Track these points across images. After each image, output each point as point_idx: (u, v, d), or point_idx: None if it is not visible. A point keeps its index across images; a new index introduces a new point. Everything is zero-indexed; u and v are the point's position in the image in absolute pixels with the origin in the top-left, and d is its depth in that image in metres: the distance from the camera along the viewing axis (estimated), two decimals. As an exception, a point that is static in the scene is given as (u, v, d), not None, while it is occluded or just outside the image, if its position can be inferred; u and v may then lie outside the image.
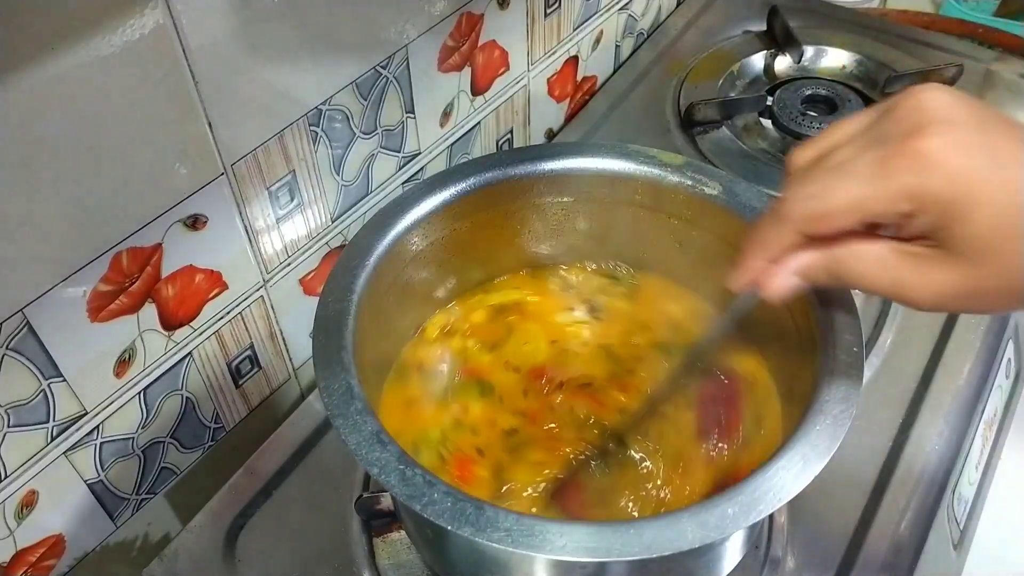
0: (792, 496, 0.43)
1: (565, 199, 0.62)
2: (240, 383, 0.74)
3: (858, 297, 0.77)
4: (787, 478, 0.43)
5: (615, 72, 1.09)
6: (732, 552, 0.55)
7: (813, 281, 0.43)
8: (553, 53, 0.95)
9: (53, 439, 0.59)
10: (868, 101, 0.98)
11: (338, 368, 0.49)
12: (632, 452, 0.57)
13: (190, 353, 0.67)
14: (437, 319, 0.65)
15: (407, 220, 0.58)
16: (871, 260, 0.40)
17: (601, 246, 0.66)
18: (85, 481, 0.63)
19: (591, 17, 0.99)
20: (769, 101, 0.96)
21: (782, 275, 0.43)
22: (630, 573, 0.48)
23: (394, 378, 0.61)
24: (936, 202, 0.36)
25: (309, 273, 0.75)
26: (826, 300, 0.51)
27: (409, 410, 0.59)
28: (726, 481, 0.54)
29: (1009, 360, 0.82)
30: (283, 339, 0.76)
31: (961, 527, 0.74)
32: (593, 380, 0.61)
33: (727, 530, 0.41)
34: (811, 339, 0.51)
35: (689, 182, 0.59)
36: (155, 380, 0.65)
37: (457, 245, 0.61)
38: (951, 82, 0.99)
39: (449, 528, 0.42)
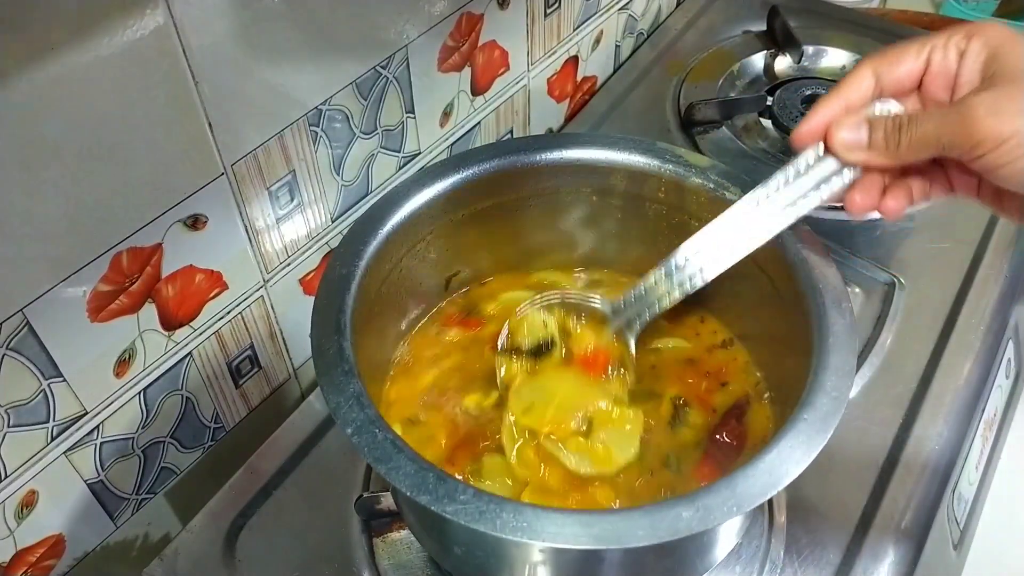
0: (750, 509, 0.42)
1: (586, 189, 0.62)
2: (240, 383, 0.74)
3: (856, 299, 0.78)
4: (749, 490, 0.43)
5: (615, 72, 1.09)
6: (723, 542, 0.54)
7: (881, 143, 0.46)
8: (553, 53, 0.95)
9: (53, 439, 0.59)
10: (868, 101, 0.98)
11: (333, 330, 0.50)
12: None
13: (190, 353, 0.67)
14: (447, 304, 0.65)
15: (431, 192, 0.58)
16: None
17: (619, 242, 0.66)
18: (85, 481, 0.63)
19: (591, 17, 0.99)
20: (769, 101, 0.96)
21: (851, 123, 0.47)
22: (616, 559, 0.48)
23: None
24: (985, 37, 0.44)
25: (309, 273, 0.75)
26: (822, 315, 0.51)
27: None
28: None
29: (1009, 360, 0.82)
30: (283, 339, 0.76)
31: (961, 527, 0.74)
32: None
33: (678, 533, 0.41)
34: (806, 355, 0.51)
35: (712, 185, 0.58)
36: (155, 380, 0.65)
37: (476, 226, 0.61)
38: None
39: (409, 495, 0.42)
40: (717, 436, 0.56)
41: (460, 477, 0.53)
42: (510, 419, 0.56)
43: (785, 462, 0.44)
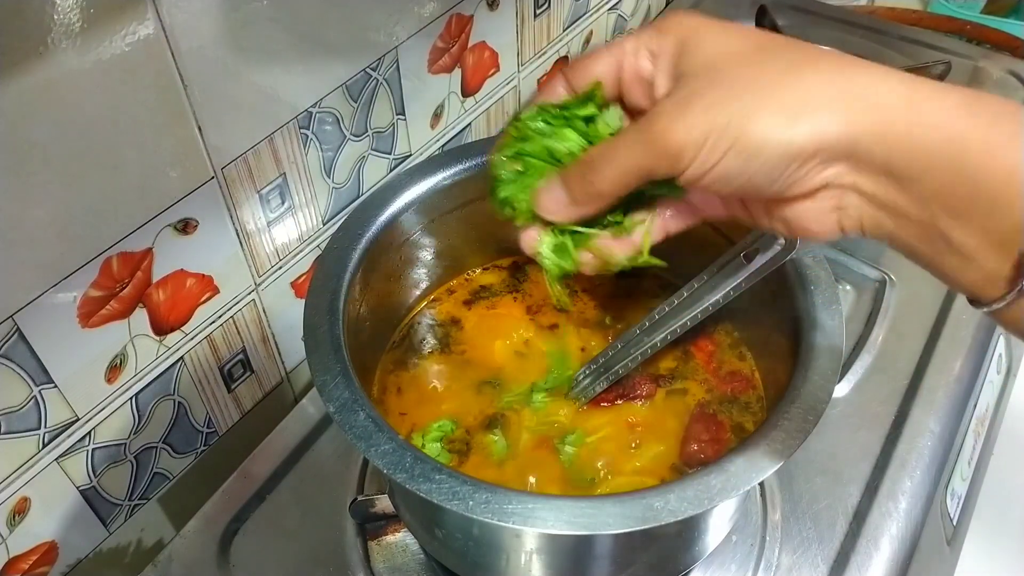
0: (718, 504, 0.42)
1: None
2: (232, 387, 0.73)
3: (848, 297, 0.78)
4: (722, 486, 0.43)
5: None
6: (714, 532, 0.55)
7: None
8: (543, 54, 0.95)
9: (45, 445, 0.59)
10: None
11: (326, 310, 0.50)
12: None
13: (182, 358, 0.67)
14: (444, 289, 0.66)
15: (432, 181, 0.58)
16: None
17: None
18: (77, 487, 0.63)
19: (581, 17, 0.99)
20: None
21: (546, 186, 0.44)
22: (607, 545, 0.49)
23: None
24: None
25: (301, 276, 0.75)
26: (812, 316, 0.51)
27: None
28: None
29: (1000, 355, 0.83)
30: (275, 342, 0.76)
31: (954, 523, 0.74)
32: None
33: (648, 522, 0.42)
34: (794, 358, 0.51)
35: None
36: (147, 385, 0.65)
37: (477, 217, 0.62)
38: (939, 80, 0.99)
39: (385, 472, 0.43)
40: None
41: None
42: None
43: (757, 462, 0.44)
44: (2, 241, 0.50)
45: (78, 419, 0.60)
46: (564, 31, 0.96)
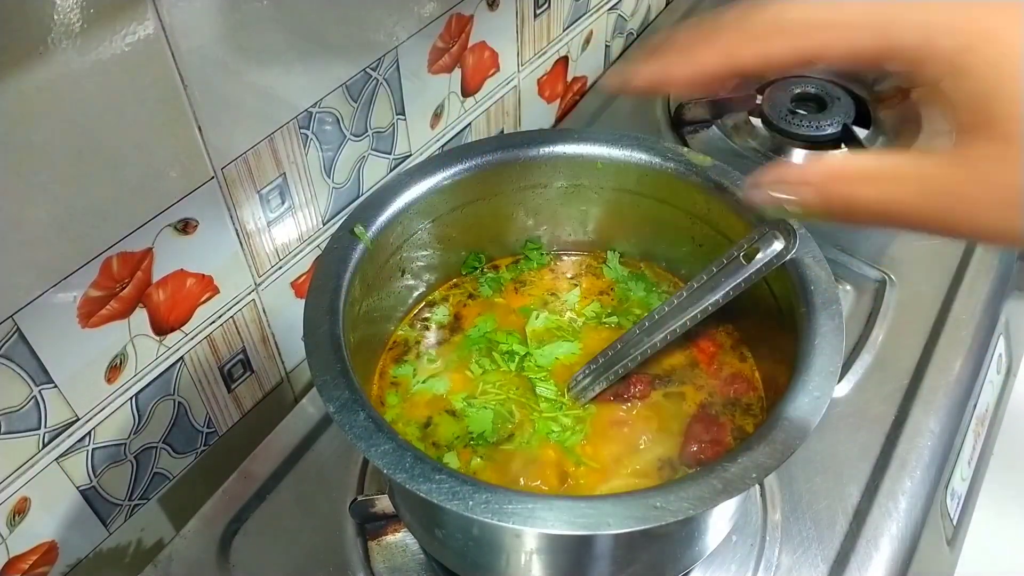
0: (718, 504, 0.43)
1: (585, 183, 0.63)
2: (232, 387, 0.73)
3: (848, 297, 0.78)
4: (722, 486, 0.43)
5: (605, 72, 1.09)
6: (714, 532, 0.55)
7: None
8: (543, 53, 0.95)
9: (44, 445, 0.59)
10: (857, 99, 0.98)
11: (326, 310, 0.51)
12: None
13: (182, 358, 0.67)
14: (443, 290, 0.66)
15: (431, 181, 0.59)
16: None
17: (618, 237, 0.66)
18: (77, 487, 0.63)
19: (581, 17, 0.99)
20: (759, 100, 0.96)
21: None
22: (607, 545, 0.49)
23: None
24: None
25: (301, 276, 0.75)
26: (812, 316, 0.51)
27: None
28: None
29: (1000, 355, 0.83)
30: (275, 343, 0.76)
31: (954, 523, 0.74)
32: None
33: (648, 522, 0.42)
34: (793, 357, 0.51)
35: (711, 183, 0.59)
36: (147, 385, 0.65)
37: (477, 216, 0.62)
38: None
39: (385, 472, 0.43)
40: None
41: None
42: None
43: (758, 463, 0.44)
44: (2, 241, 0.50)
45: (78, 419, 0.60)
46: (564, 31, 0.96)
